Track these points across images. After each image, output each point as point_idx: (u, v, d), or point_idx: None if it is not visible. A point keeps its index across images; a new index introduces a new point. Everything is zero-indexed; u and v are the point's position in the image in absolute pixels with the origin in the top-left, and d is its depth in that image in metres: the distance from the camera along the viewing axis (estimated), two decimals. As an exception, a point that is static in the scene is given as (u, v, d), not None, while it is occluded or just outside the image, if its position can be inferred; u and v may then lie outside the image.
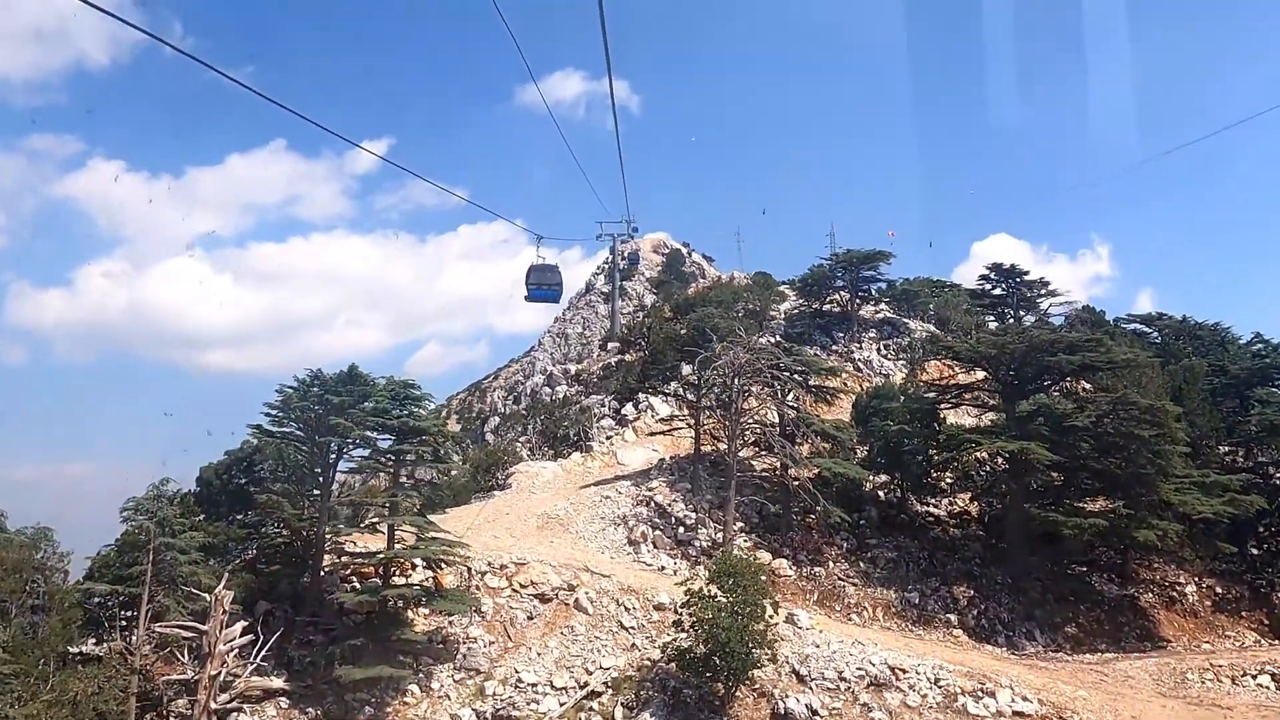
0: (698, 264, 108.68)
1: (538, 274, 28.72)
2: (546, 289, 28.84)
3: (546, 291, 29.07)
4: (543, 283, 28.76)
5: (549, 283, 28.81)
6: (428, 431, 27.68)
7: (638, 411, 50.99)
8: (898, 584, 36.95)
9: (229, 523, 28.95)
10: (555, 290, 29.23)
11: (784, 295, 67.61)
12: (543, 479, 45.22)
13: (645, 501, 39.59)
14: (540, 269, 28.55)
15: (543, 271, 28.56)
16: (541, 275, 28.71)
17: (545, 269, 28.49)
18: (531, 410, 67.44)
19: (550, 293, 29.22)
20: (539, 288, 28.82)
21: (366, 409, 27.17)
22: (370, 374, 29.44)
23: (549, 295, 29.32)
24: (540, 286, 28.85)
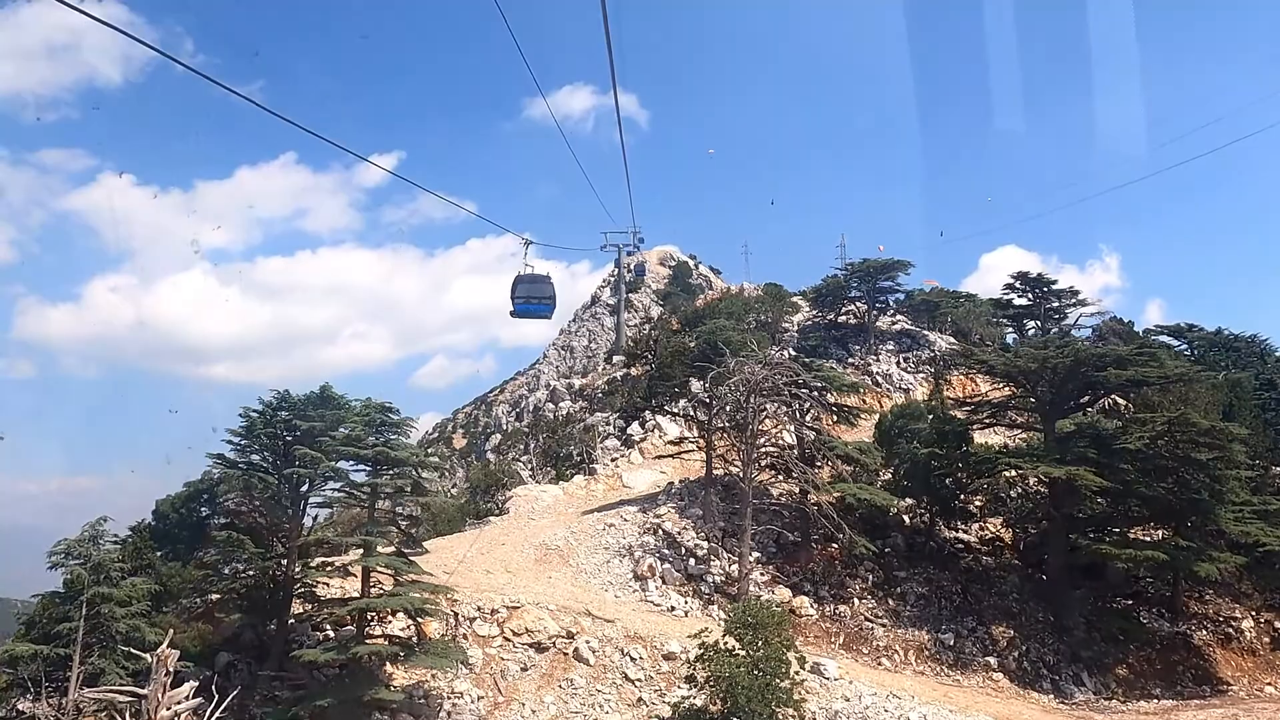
0: (705, 276, 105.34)
1: (526, 286, 23.96)
2: (536, 303, 23.83)
3: (535, 306, 24.12)
4: (531, 296, 24.00)
5: (538, 296, 24.07)
6: (406, 462, 24.09)
7: (644, 431, 47.41)
8: (930, 623, 33.19)
9: (184, 563, 25.42)
10: (546, 305, 24.44)
11: (797, 306, 64.05)
12: (543, 503, 41.62)
13: (653, 530, 35.96)
14: (529, 280, 23.94)
15: (531, 283, 23.96)
16: (530, 287, 24.05)
17: (534, 280, 23.69)
18: (533, 428, 63.87)
19: (540, 307, 24.35)
20: (526, 301, 23.95)
21: (338, 437, 23.60)
22: (345, 395, 25.96)
23: (538, 310, 24.43)
24: (529, 300, 24.06)
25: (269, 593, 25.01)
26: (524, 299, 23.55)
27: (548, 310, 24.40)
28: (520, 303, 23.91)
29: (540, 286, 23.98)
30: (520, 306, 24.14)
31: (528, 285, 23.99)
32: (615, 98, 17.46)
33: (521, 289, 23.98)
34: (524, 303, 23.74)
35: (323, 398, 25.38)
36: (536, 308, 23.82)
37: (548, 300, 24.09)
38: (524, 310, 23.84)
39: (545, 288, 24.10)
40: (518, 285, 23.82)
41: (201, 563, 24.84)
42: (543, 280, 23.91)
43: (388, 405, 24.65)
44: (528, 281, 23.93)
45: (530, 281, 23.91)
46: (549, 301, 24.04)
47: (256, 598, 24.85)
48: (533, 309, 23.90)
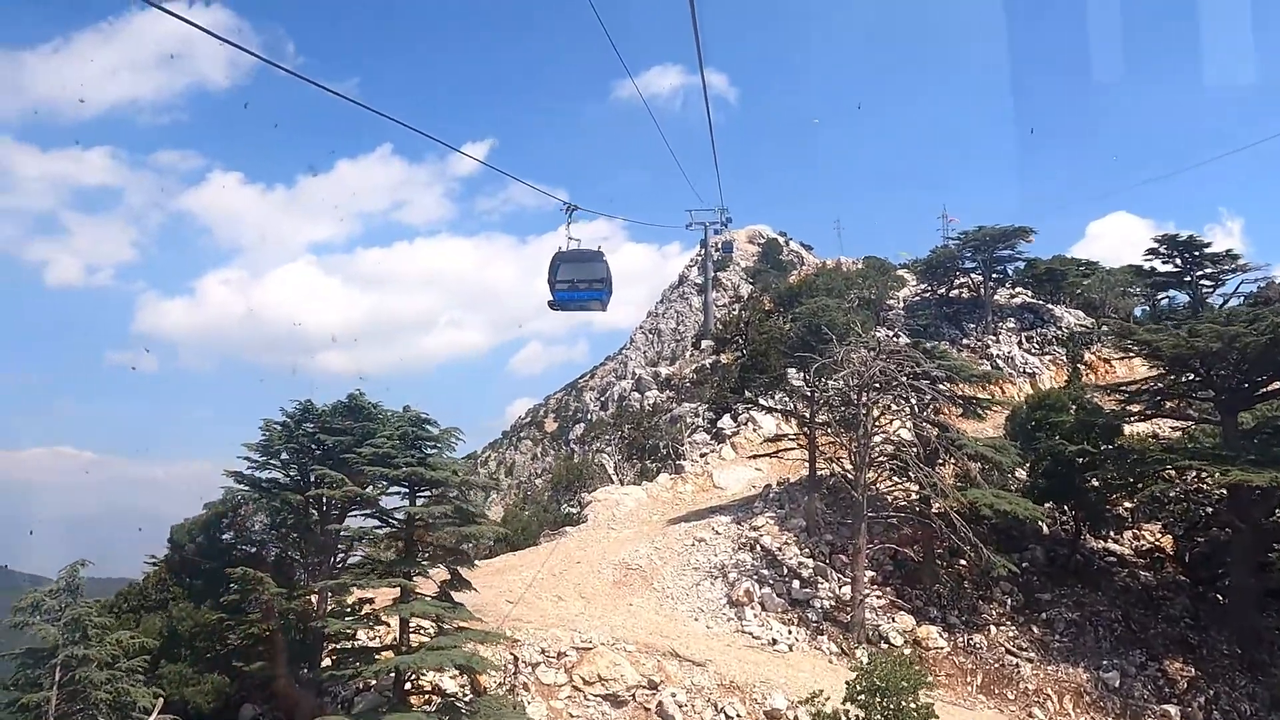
0: (796, 252, 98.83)
1: (569, 267, 17.44)
2: (583, 288, 17.45)
3: (582, 293, 17.52)
4: (577, 280, 17.40)
5: (586, 279, 17.43)
6: (446, 483, 19.40)
7: (737, 425, 42.05)
8: (1087, 658, 27.10)
9: (200, 603, 21.44)
10: (598, 290, 17.57)
11: (902, 281, 57.47)
12: (625, 508, 36.79)
13: (749, 545, 30.72)
14: (572, 259, 17.47)
15: (576, 262, 17.43)
16: (575, 268, 17.45)
17: (580, 258, 17.43)
18: (618, 419, 59.16)
19: (588, 294, 17.57)
20: (571, 288, 17.49)
21: (364, 454, 19.06)
22: (379, 403, 21.43)
23: (585, 298, 17.71)
24: (573, 286, 17.51)
25: (297, 638, 20.79)
26: (567, 284, 17.50)
27: (600, 297, 17.71)
28: (562, 289, 17.58)
29: (589, 267, 17.36)
30: (561, 295, 17.62)
31: (572, 266, 17.40)
32: (701, 70, 12.85)
33: (564, 271, 17.43)
34: (567, 289, 17.54)
35: (351, 407, 20.93)
36: (584, 295, 17.56)
37: (599, 284, 17.41)
38: (566, 299, 17.65)
39: (595, 268, 17.43)
40: (558, 266, 17.46)
41: (219, 603, 20.75)
42: (591, 258, 17.38)
43: (424, 416, 20.01)
44: (572, 261, 17.40)
45: (574, 260, 17.39)
46: (601, 286, 17.45)
47: (280, 644, 20.64)
48: (579, 297, 17.62)
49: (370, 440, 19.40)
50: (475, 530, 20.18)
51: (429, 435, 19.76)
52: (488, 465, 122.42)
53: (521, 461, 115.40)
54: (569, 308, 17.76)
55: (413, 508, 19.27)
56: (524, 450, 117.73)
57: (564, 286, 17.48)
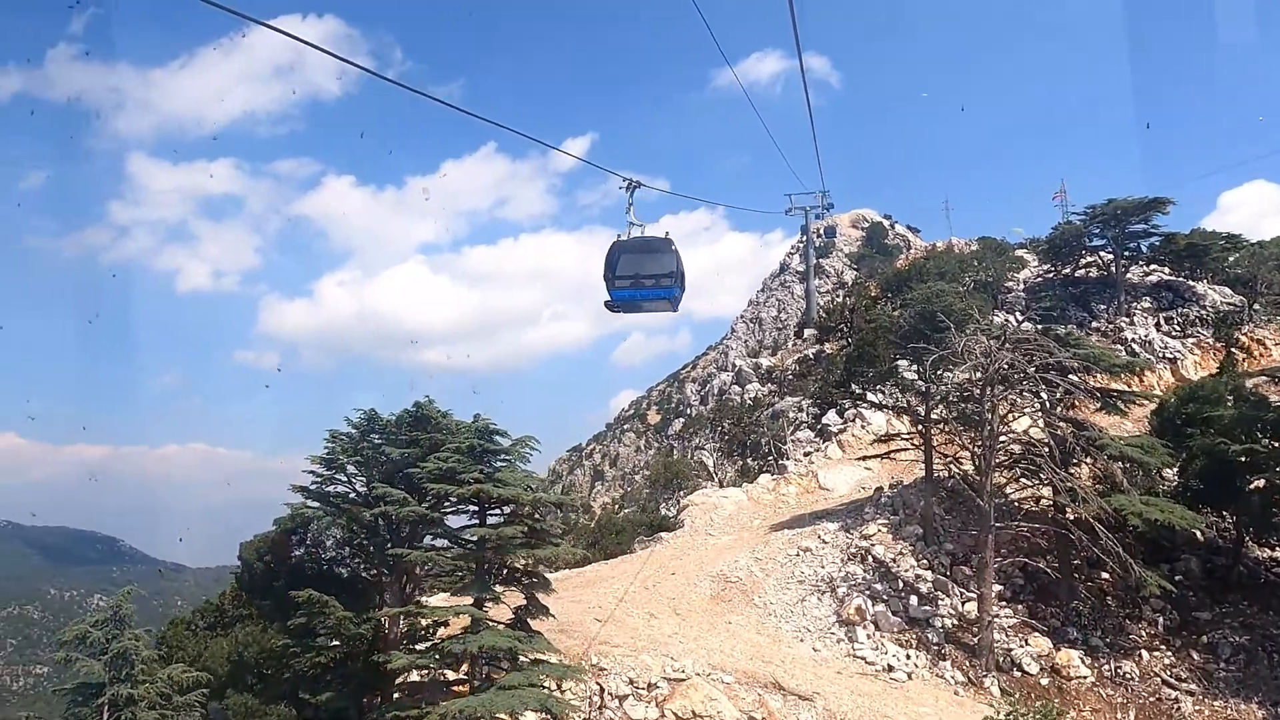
0: (902, 235, 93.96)
1: (631, 259, 13.91)
2: (649, 285, 13.86)
3: (646, 292, 13.94)
4: (641, 275, 13.82)
5: (652, 273, 13.83)
6: (516, 501, 17.28)
7: (843, 421, 38.91)
8: (1263, 690, 23.21)
9: (266, 627, 20.00)
10: (666, 288, 13.91)
11: (1022, 261, 52.83)
12: (724, 512, 34.25)
13: (860, 556, 27.77)
14: (635, 249, 13.91)
15: (639, 253, 13.88)
16: (637, 260, 13.89)
17: (644, 248, 13.86)
18: (717, 413, 56.53)
19: (654, 292, 13.96)
20: (633, 284, 13.89)
21: (428, 470, 17.12)
22: (449, 412, 19.46)
23: (650, 297, 14.08)
24: (636, 283, 13.88)
25: (363, 666, 19.07)
26: (628, 280, 13.75)
27: (668, 296, 13.92)
28: (623, 286, 13.83)
29: (655, 259, 13.71)
30: (620, 294, 13.89)
31: (634, 258, 13.79)
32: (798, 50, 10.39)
33: (625, 264, 13.80)
34: (628, 286, 13.81)
35: (418, 417, 19.02)
36: (649, 294, 13.84)
37: (667, 280, 13.70)
38: (627, 299, 13.94)
39: (663, 260, 13.73)
40: (617, 258, 13.87)
41: (286, 627, 19.26)
42: (658, 247, 13.75)
43: (493, 427, 17.94)
44: (634, 251, 13.80)
45: (637, 251, 13.77)
46: (670, 282, 13.72)
47: (350, 672, 18.98)
48: (643, 296, 13.89)
49: (435, 454, 17.42)
50: (549, 553, 17.99)
51: (498, 448, 17.67)
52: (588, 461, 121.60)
53: (625, 454, 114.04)
54: (630, 308, 14.53)
55: (481, 528, 17.23)
56: (627, 442, 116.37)
57: (625, 284, 14.06)
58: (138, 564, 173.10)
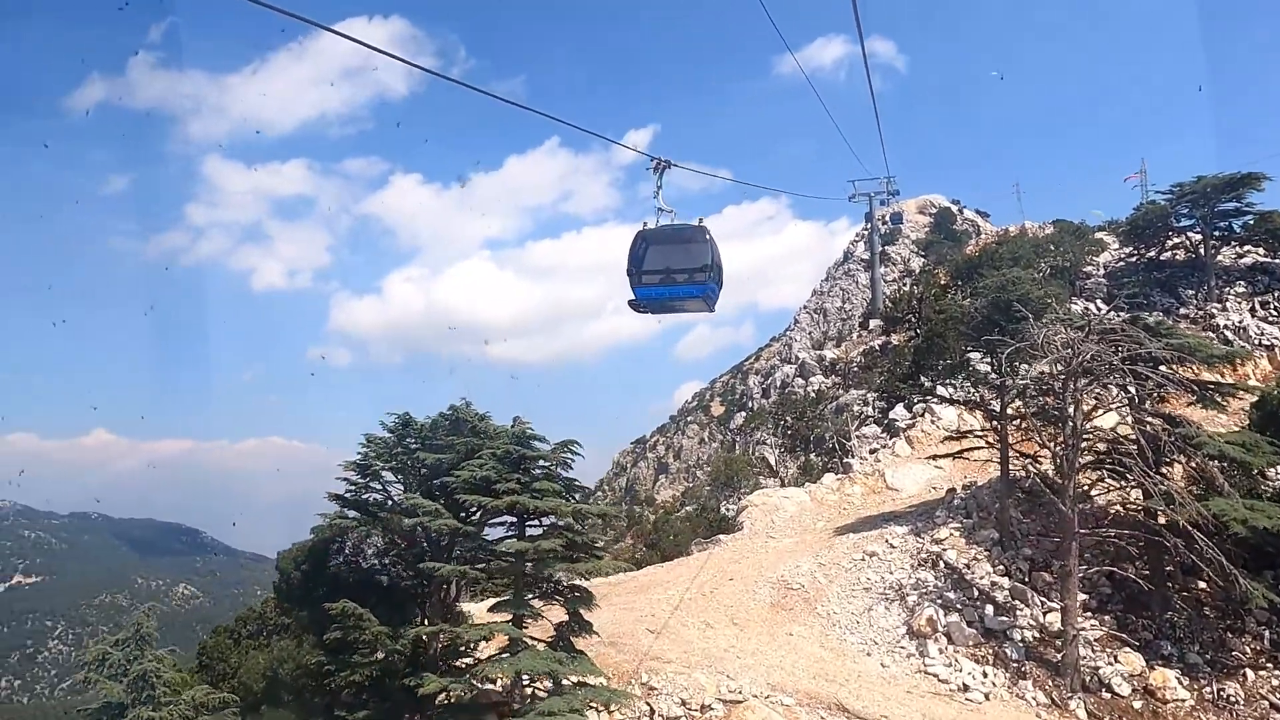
0: (971, 221, 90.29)
1: (659, 250, 11.93)
2: (680, 281, 11.85)
3: (677, 288, 11.92)
4: (671, 269, 11.82)
5: (684, 268, 11.83)
6: (555, 512, 16.00)
7: (912, 416, 36.83)
8: (1387, 717, 20.76)
9: (301, 640, 19.13)
10: (699, 285, 11.95)
11: (1101, 244, 49.69)
12: (785, 513, 32.59)
13: (930, 561, 25.91)
14: (664, 239, 11.93)
15: (669, 244, 11.88)
16: (667, 252, 11.89)
17: (673, 238, 11.88)
18: (780, 407, 54.66)
19: (685, 289, 11.96)
20: (663, 280, 11.91)
21: (461, 478, 15.94)
22: (487, 415, 18.29)
23: (682, 294, 12.06)
24: (665, 278, 11.90)
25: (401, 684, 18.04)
26: (657, 275, 11.69)
27: (703, 293, 11.87)
28: (650, 283, 11.81)
29: (687, 251, 11.66)
30: (647, 291, 11.87)
31: (663, 250, 11.76)
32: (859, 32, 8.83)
33: (653, 256, 11.76)
34: (657, 282, 11.76)
35: (455, 420, 17.85)
36: (680, 291, 11.76)
37: (702, 275, 11.70)
38: (654, 297, 11.91)
39: (696, 251, 11.69)
40: (643, 250, 11.84)
41: (322, 641, 18.35)
42: (690, 236, 11.72)
43: (530, 433, 16.67)
44: (663, 242, 11.77)
45: (666, 242, 11.75)
46: (704, 277, 11.75)
47: (386, 691, 17.96)
48: (673, 294, 11.83)
49: (469, 462, 16.22)
50: (591, 567, 16.65)
51: (536, 455, 16.38)
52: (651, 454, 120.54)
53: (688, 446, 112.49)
54: (659, 308, 12.55)
55: (519, 541, 15.99)
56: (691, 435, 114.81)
57: (652, 280, 11.95)
58: (219, 554, 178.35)
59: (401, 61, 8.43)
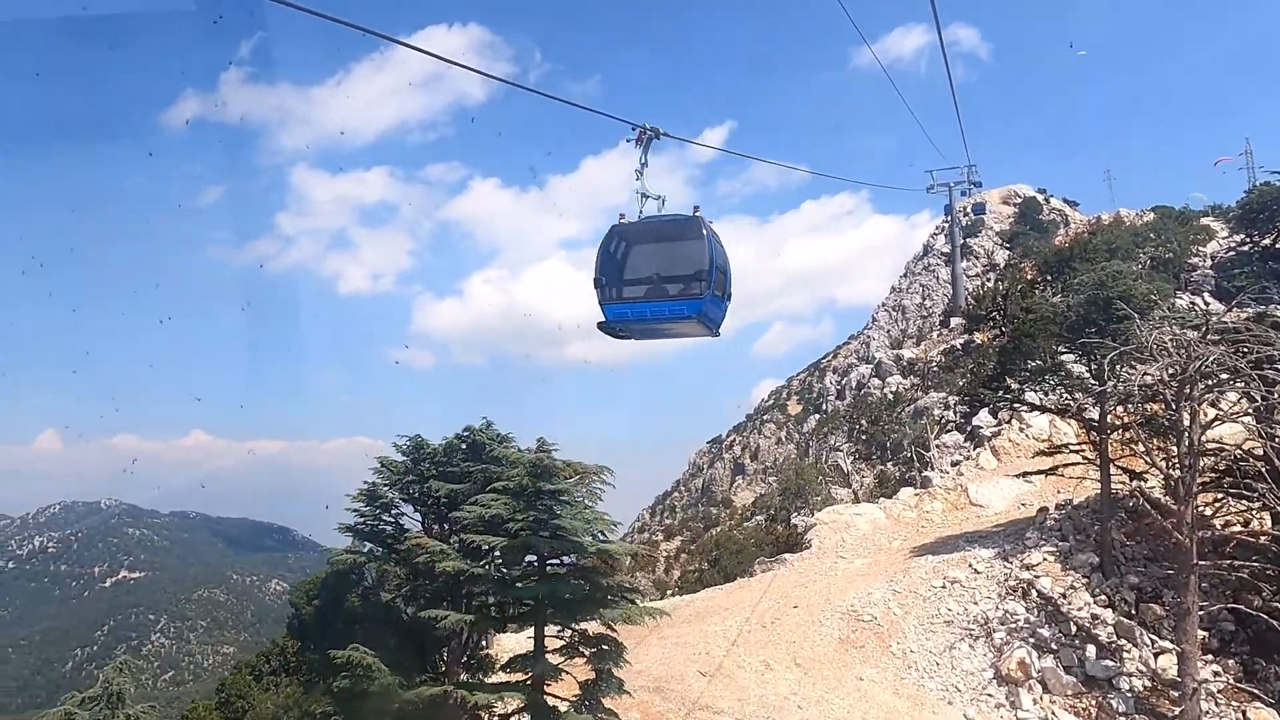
0: (1059, 210, 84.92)
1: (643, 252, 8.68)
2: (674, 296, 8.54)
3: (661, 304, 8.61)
4: (659, 275, 8.62)
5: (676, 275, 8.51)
6: (581, 551, 13.70)
7: (998, 423, 33.43)
8: None
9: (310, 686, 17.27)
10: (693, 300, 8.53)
11: (1209, 231, 45.01)
12: (857, 532, 29.67)
13: (1021, 591, 22.77)
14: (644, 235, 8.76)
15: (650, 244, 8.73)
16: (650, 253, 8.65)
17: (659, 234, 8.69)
18: (854, 409, 51.39)
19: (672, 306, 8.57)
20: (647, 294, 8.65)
21: (471, 515, 13.77)
22: (509, 436, 16.11)
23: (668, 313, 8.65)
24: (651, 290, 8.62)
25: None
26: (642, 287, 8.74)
27: (695, 311, 8.77)
28: (632, 298, 8.86)
29: (674, 252, 8.73)
30: (622, 310, 8.94)
31: (643, 251, 8.84)
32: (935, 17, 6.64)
33: (635, 259, 8.84)
34: (643, 297, 8.79)
35: (472, 445, 15.71)
36: (667, 309, 8.77)
37: (697, 285, 8.64)
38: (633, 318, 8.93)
39: (689, 252, 8.67)
40: (622, 251, 8.90)
41: (330, 688, 16.46)
42: (680, 232, 8.78)
43: (549, 462, 14.38)
44: (645, 240, 8.89)
45: (649, 240, 8.88)
46: (701, 288, 8.66)
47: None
48: (655, 313, 8.82)
49: (481, 496, 14.04)
50: (621, 613, 14.28)
51: (553, 489, 14.08)
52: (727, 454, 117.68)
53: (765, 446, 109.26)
54: (639, 333, 9.38)
55: (537, 584, 13.75)
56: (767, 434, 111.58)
57: (634, 293, 8.86)
58: (310, 552, 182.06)
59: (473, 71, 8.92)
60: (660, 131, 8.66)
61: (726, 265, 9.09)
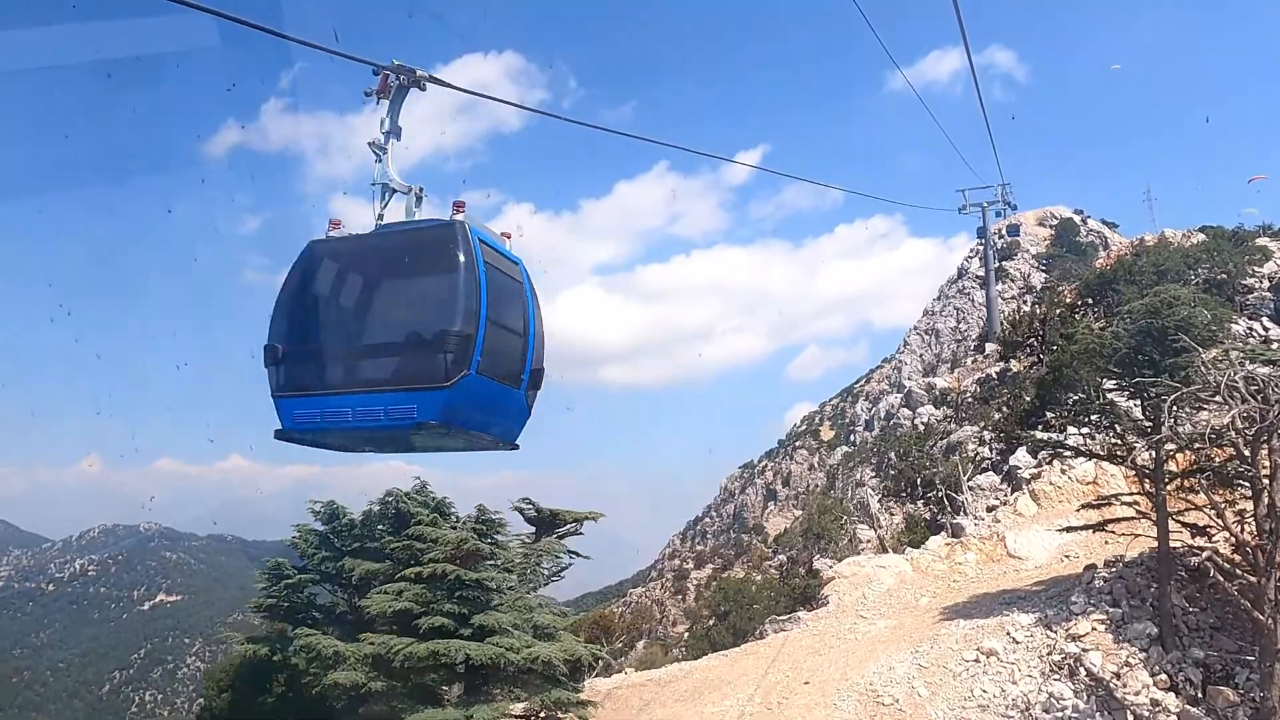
0: (1096, 232, 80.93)
1: (351, 298, 5.47)
2: (368, 385, 5.24)
3: (363, 405, 5.06)
4: (382, 344, 5.45)
5: (388, 342, 5.37)
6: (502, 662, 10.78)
7: (1037, 463, 29.97)
8: None
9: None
10: (433, 396, 4.98)
11: (1265, 252, 41.16)
12: (880, 586, 26.39)
13: (1066, 668, 19.38)
14: (358, 264, 5.46)
15: (370, 280, 5.50)
16: (361, 302, 5.39)
17: (381, 262, 5.40)
18: (882, 442, 47.95)
19: (374, 408, 5.04)
20: (345, 383, 5.31)
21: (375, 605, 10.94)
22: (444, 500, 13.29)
23: (369, 421, 5.08)
24: (345, 377, 5.36)
25: None
26: (339, 368, 5.18)
27: (434, 416, 5.06)
28: (314, 394, 5.26)
29: (407, 296, 5.31)
30: (303, 412, 5.27)
31: (368, 293, 5.28)
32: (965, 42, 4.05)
33: (347, 307, 5.34)
34: (341, 388, 5.18)
35: (396, 516, 12.93)
36: (374, 410, 4.99)
37: (435, 363, 5.02)
38: (318, 425, 5.25)
39: (433, 294, 5.09)
40: (335, 289, 5.34)
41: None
42: (420, 255, 5.25)
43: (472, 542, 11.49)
44: (371, 271, 5.36)
45: (374, 271, 5.37)
46: (440, 369, 4.99)
47: None
48: (360, 418, 5.01)
49: (388, 586, 11.22)
50: None
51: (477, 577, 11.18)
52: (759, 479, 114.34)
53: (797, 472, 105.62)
54: (346, 443, 6.07)
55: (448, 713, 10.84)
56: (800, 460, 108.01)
57: (336, 378, 5.57)
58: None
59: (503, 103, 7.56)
60: (420, 74, 5.63)
61: (527, 317, 5.76)
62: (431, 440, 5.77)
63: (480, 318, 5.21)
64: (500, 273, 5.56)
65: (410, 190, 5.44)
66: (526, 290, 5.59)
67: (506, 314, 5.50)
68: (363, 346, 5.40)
